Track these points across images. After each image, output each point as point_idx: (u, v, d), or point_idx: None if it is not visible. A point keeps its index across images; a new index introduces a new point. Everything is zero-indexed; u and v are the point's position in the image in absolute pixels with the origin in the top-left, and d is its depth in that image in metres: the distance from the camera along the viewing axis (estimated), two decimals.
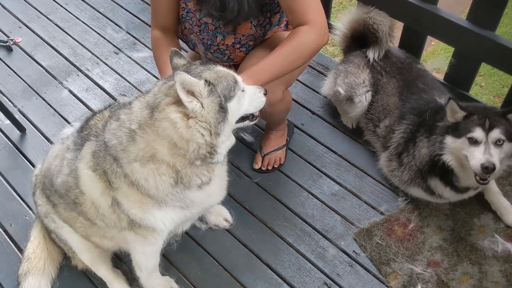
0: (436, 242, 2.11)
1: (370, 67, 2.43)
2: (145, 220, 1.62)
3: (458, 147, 1.96)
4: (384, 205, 2.27)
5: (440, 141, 2.02)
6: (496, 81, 3.36)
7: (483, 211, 2.20)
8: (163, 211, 1.61)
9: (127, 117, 1.54)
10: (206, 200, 1.71)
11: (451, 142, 1.98)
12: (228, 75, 1.54)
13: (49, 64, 3.03)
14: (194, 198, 1.63)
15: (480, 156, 1.89)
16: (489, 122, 1.91)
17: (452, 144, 1.98)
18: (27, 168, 2.47)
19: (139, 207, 1.59)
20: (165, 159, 1.50)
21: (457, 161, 2.00)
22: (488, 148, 1.90)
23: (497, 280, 1.99)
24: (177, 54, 1.62)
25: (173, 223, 1.69)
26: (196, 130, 1.45)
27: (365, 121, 2.46)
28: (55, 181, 1.75)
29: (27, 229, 2.14)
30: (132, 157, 1.51)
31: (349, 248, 2.14)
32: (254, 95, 1.64)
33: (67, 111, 2.76)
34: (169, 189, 1.56)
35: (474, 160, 1.90)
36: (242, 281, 2.06)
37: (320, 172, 2.42)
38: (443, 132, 2.02)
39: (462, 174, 2.02)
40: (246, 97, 1.60)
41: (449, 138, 1.99)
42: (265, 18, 1.96)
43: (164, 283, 1.98)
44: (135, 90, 2.84)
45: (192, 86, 1.41)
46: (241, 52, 2.06)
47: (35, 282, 1.93)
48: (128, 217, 1.61)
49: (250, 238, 2.19)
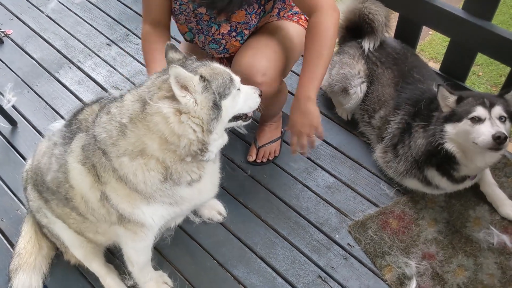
0: (431, 235, 2.10)
1: (365, 58, 2.40)
2: (134, 215, 1.60)
3: (460, 131, 1.93)
4: (379, 197, 2.25)
5: (440, 131, 1.99)
6: (493, 71, 3.34)
7: (478, 203, 2.19)
8: (152, 207, 1.59)
9: (118, 110, 1.51)
10: (196, 197, 1.69)
11: (452, 128, 1.96)
12: (224, 73, 1.52)
13: (40, 56, 3.00)
14: (184, 194, 1.62)
15: (489, 129, 1.85)
16: (488, 101, 1.90)
17: (452, 130, 1.95)
18: (19, 162, 2.45)
19: (127, 202, 1.57)
20: (155, 154, 1.48)
21: (459, 147, 1.97)
22: (495, 123, 1.87)
23: (492, 272, 1.98)
24: (173, 48, 1.58)
25: (163, 219, 1.68)
26: (188, 125, 1.43)
27: (360, 113, 2.43)
28: (46, 178, 1.73)
29: (18, 224, 2.12)
30: (121, 151, 1.49)
31: (343, 241, 2.12)
32: (249, 94, 1.63)
33: (59, 104, 2.72)
34: (158, 185, 1.53)
35: (484, 135, 1.85)
36: (236, 275, 2.05)
37: (315, 164, 2.40)
38: (441, 122, 2.00)
39: (464, 160, 1.99)
40: (241, 96, 1.58)
41: (449, 125, 1.97)
42: (259, 5, 1.93)
43: (157, 278, 1.97)
44: (128, 82, 2.81)
45: (186, 81, 1.39)
46: (237, 41, 2.03)
47: (26, 277, 1.91)
48: (117, 211, 1.60)
49: (244, 231, 2.17)
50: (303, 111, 1.81)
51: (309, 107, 1.80)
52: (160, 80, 1.48)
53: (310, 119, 1.81)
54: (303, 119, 1.82)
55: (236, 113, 1.59)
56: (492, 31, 2.19)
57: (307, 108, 1.80)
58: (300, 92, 1.81)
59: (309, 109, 1.80)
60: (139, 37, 3.05)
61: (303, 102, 1.80)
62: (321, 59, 1.79)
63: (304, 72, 1.81)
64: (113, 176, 1.52)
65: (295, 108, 1.84)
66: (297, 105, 1.82)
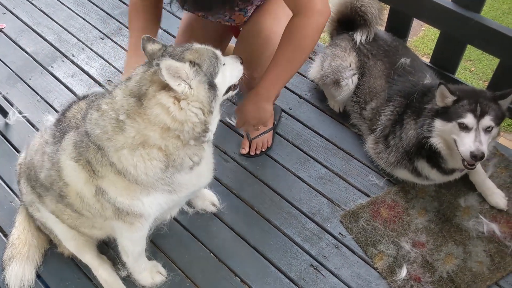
0: (422, 224, 2.13)
1: (356, 50, 2.42)
2: (133, 207, 1.61)
3: (447, 130, 1.97)
4: (370, 187, 2.28)
5: (428, 124, 2.02)
6: (486, 66, 3.37)
7: (468, 193, 2.22)
8: (152, 196, 1.60)
9: (110, 106, 1.51)
10: (195, 182, 1.71)
11: (440, 125, 1.99)
12: (208, 52, 1.54)
13: (34, 50, 3.00)
14: (183, 181, 1.63)
15: (470, 144, 1.88)
16: (480, 109, 1.90)
17: (441, 127, 1.99)
18: (13, 154, 2.45)
19: (126, 194, 1.57)
20: (157, 143, 1.49)
21: (445, 144, 2.01)
22: (479, 135, 1.90)
23: (481, 260, 2.01)
24: (150, 40, 1.57)
25: (161, 208, 1.69)
26: (190, 110, 1.45)
27: (352, 104, 2.45)
28: (39, 176, 1.73)
29: (12, 215, 2.13)
30: (119, 145, 1.49)
31: (335, 230, 2.15)
32: (233, 65, 1.66)
33: (53, 97, 2.73)
34: (159, 174, 1.54)
35: (464, 147, 1.90)
36: (229, 265, 2.07)
37: (307, 156, 2.42)
38: (432, 115, 2.02)
39: (449, 157, 2.04)
40: (227, 69, 1.61)
41: (438, 121, 1.99)
42: None
43: (151, 268, 1.99)
44: (121, 74, 2.81)
45: (178, 70, 1.40)
46: (240, 15, 2.03)
47: (19, 268, 1.92)
48: (114, 205, 1.60)
49: (237, 222, 2.19)
50: (258, 107, 1.91)
51: (265, 106, 1.91)
52: (150, 73, 1.48)
53: (262, 116, 1.94)
54: (255, 113, 1.93)
55: (227, 86, 1.63)
56: (481, 23, 2.22)
57: (263, 106, 1.91)
58: (261, 90, 1.87)
59: (264, 108, 1.91)
60: None
61: (261, 100, 1.89)
62: (291, 65, 1.82)
63: (271, 72, 1.83)
64: (111, 170, 1.52)
65: (252, 102, 1.91)
66: (255, 99, 1.90)
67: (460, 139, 1.92)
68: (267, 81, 1.85)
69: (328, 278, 2.02)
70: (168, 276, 2.02)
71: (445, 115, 1.97)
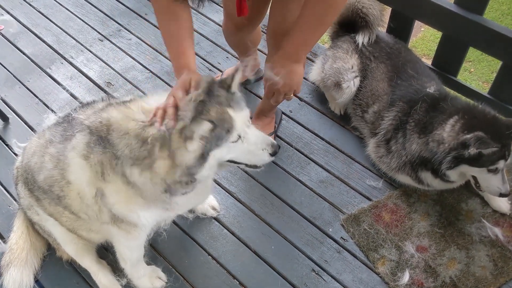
0: (424, 228, 2.11)
1: (358, 52, 2.40)
2: (128, 217, 1.60)
3: (473, 172, 1.98)
4: (372, 191, 2.26)
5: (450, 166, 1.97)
6: (485, 67, 3.36)
7: (470, 196, 2.20)
8: (149, 211, 1.59)
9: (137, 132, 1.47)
10: (191, 202, 1.72)
11: (467, 169, 1.98)
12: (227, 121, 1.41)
13: (32, 51, 2.97)
14: (179, 201, 1.62)
15: (499, 186, 1.95)
16: (508, 152, 1.91)
17: (466, 170, 1.98)
18: (11, 158, 2.43)
19: (125, 205, 1.56)
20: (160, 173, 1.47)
21: (460, 174, 2.02)
22: (504, 176, 1.94)
23: (484, 264, 1.99)
24: None
25: (155, 221, 1.70)
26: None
27: (353, 107, 2.43)
28: (37, 178, 1.71)
29: (10, 219, 2.11)
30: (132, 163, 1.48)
31: (337, 235, 2.13)
32: (254, 152, 1.50)
33: (51, 99, 2.71)
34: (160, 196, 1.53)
35: (492, 188, 1.97)
36: (230, 269, 2.04)
37: (308, 159, 2.40)
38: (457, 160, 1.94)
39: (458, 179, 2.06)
40: (241, 148, 1.47)
41: (465, 166, 1.95)
42: None
43: (150, 273, 1.96)
44: (120, 77, 2.79)
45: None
46: None
47: (17, 273, 1.90)
48: (110, 211, 1.59)
49: (238, 226, 2.17)
50: (289, 71, 1.71)
51: (297, 69, 1.71)
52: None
53: (295, 81, 1.74)
54: (287, 79, 1.72)
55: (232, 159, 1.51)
56: (484, 25, 2.20)
57: (295, 69, 1.71)
58: (290, 52, 1.69)
59: (296, 71, 1.71)
60: (132, 33, 3.04)
61: (291, 62, 1.70)
62: (321, 26, 1.67)
63: (300, 32, 1.67)
64: (121, 180, 1.51)
65: (281, 66, 1.70)
66: (284, 63, 1.70)
67: (487, 180, 1.96)
68: (296, 41, 1.67)
69: (330, 283, 2.00)
70: (168, 281, 1.99)
71: (474, 162, 1.92)
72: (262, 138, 1.50)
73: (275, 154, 1.52)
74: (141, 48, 2.96)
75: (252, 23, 2.18)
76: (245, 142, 1.47)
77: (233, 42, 2.45)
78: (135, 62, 2.88)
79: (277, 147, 1.51)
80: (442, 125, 2.01)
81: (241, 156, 1.51)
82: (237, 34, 2.28)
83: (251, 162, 1.54)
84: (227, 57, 2.88)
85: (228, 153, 1.47)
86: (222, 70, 2.76)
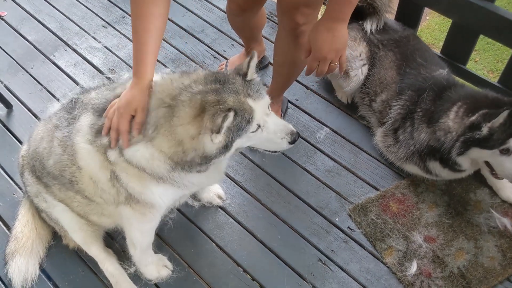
0: (432, 218, 2.09)
1: (367, 40, 2.37)
2: (143, 195, 1.59)
3: (485, 156, 1.91)
4: (379, 181, 2.24)
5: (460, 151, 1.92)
6: (490, 56, 3.31)
7: (479, 186, 2.18)
8: (161, 187, 1.57)
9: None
10: (205, 181, 1.70)
11: (477, 152, 1.90)
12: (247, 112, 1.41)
13: (35, 38, 2.94)
14: (192, 180, 1.60)
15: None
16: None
17: (477, 154, 1.92)
18: (15, 145, 2.41)
19: (137, 181, 1.55)
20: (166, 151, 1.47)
21: (471, 160, 1.97)
22: None
23: (492, 255, 1.98)
24: None
25: (171, 200, 1.68)
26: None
27: (361, 96, 2.40)
28: (47, 163, 1.69)
29: (15, 207, 2.09)
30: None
31: (343, 225, 2.11)
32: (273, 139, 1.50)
33: (55, 86, 2.68)
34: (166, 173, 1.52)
35: (508, 171, 1.86)
36: (235, 258, 2.03)
37: (315, 148, 2.38)
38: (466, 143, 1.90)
39: (467, 166, 2.00)
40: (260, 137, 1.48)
41: (476, 149, 1.89)
42: None
43: (157, 261, 1.96)
44: (125, 64, 2.76)
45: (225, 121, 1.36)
46: None
47: (23, 261, 1.89)
48: (127, 191, 1.58)
49: (244, 215, 2.16)
50: (334, 34, 1.58)
51: (342, 31, 1.59)
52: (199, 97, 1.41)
53: (341, 46, 1.62)
54: (332, 44, 1.60)
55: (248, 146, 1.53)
56: (495, 13, 2.16)
57: (339, 31, 1.58)
58: (332, 12, 1.56)
59: (341, 33, 1.59)
60: None
61: (335, 24, 1.57)
62: None
63: None
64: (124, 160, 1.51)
65: (325, 29, 1.59)
66: (328, 25, 1.58)
67: (501, 163, 1.88)
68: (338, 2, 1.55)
69: (337, 273, 1.99)
70: (174, 269, 1.99)
71: (485, 143, 1.86)
72: (282, 127, 1.50)
73: (294, 142, 1.51)
74: None
75: (256, 2, 2.15)
76: (265, 131, 1.47)
77: (237, 25, 2.41)
78: None
79: (297, 135, 1.52)
80: (446, 113, 1.98)
81: (260, 144, 1.52)
82: (241, 16, 2.23)
83: (269, 149, 1.56)
84: (232, 45, 2.84)
85: (248, 142, 1.48)
86: (227, 58, 2.73)
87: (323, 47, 1.61)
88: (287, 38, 1.96)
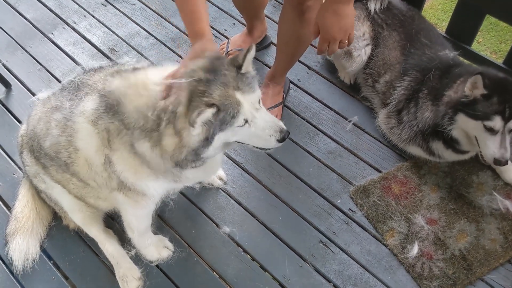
0: (434, 200, 2.08)
1: (370, 19, 2.32)
2: (136, 186, 1.58)
3: (470, 127, 1.88)
4: (382, 162, 2.23)
5: (450, 117, 1.92)
6: (493, 37, 3.26)
7: (482, 169, 2.16)
8: (159, 182, 1.57)
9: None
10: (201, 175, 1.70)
11: (464, 121, 1.89)
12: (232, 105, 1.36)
13: (33, 16, 2.89)
14: (189, 174, 1.59)
15: (494, 149, 1.83)
16: (509, 111, 1.79)
17: (464, 123, 1.90)
18: (14, 124, 2.39)
19: (134, 174, 1.54)
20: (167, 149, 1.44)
21: (466, 135, 1.95)
22: (504, 141, 1.83)
23: (494, 237, 1.97)
24: None
25: (165, 190, 1.69)
26: None
27: (364, 76, 2.37)
28: (44, 144, 1.67)
29: (15, 187, 2.09)
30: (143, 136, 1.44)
31: (345, 206, 2.10)
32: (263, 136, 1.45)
33: (54, 65, 2.64)
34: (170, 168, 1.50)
35: (487, 151, 1.85)
36: (237, 240, 2.03)
37: (317, 130, 2.36)
38: (455, 107, 1.89)
39: (468, 144, 1.98)
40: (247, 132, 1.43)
41: (462, 116, 1.88)
42: None
43: (157, 242, 1.95)
44: (124, 43, 2.72)
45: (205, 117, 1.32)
46: None
47: (23, 241, 1.89)
48: (118, 178, 1.56)
49: (245, 196, 2.15)
50: (340, 14, 1.62)
51: (348, 10, 1.63)
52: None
53: (348, 26, 1.66)
54: (340, 24, 1.64)
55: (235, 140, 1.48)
56: None
57: (345, 11, 1.62)
58: None
59: (347, 13, 1.63)
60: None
61: (342, 5, 1.61)
62: None
63: None
64: (128, 149, 1.47)
65: (331, 10, 1.63)
66: (333, 7, 1.62)
67: (483, 140, 1.85)
68: None
69: (338, 254, 1.98)
70: (175, 250, 1.98)
71: (470, 110, 1.84)
72: (271, 124, 1.45)
73: (283, 141, 1.47)
74: (146, 14, 2.87)
75: None
76: (252, 126, 1.42)
77: (240, 3, 2.38)
78: (140, 28, 2.80)
79: (286, 133, 1.47)
80: (450, 86, 1.97)
81: (247, 139, 1.47)
82: None
83: (257, 145, 1.51)
84: (234, 24, 2.80)
85: (234, 136, 1.43)
86: (229, 37, 2.68)
87: (332, 29, 1.66)
88: (292, 13, 1.93)
